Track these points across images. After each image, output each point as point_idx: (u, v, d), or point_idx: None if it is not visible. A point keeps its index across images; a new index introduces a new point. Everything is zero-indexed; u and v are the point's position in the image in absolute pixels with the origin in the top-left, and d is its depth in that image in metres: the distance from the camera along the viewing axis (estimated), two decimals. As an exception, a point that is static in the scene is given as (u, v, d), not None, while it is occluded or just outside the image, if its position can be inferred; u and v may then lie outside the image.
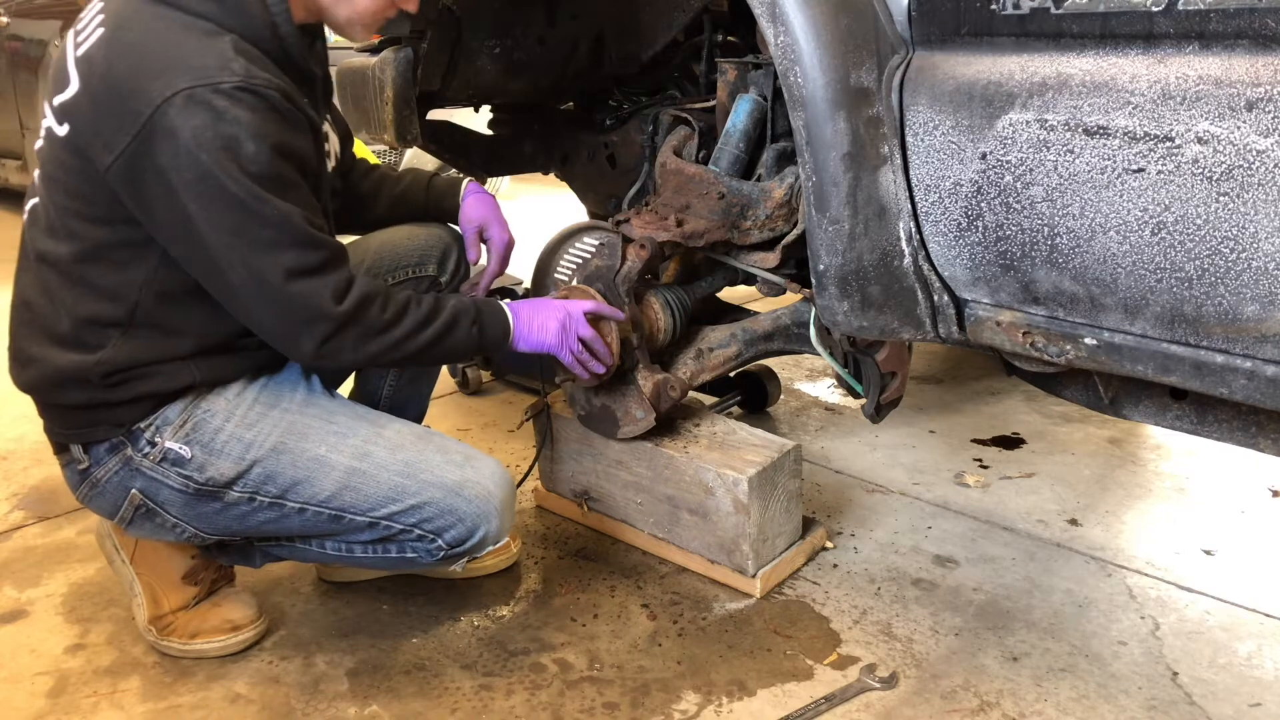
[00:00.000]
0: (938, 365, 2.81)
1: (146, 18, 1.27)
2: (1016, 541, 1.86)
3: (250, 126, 1.22)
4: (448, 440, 1.50)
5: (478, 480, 1.44)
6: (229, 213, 1.24)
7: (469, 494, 1.42)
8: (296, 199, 1.29)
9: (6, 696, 1.47)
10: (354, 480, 1.40)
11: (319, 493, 1.40)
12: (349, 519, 1.42)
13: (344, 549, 1.50)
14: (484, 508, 1.43)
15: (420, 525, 1.42)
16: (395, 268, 1.74)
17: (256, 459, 1.39)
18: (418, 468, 1.42)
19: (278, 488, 1.40)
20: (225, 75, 1.22)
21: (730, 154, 1.74)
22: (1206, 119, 1.05)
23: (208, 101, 1.21)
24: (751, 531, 1.66)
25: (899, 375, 1.71)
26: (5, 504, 2.08)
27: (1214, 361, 1.13)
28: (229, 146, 1.21)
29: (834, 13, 1.32)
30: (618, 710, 1.43)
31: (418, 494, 1.41)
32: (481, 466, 1.47)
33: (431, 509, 1.41)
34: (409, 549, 1.45)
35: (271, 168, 1.25)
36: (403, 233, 1.78)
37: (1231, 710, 1.41)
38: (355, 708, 1.44)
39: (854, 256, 1.37)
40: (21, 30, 4.84)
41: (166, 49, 1.24)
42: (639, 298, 1.73)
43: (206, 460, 1.39)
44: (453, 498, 1.42)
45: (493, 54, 2.15)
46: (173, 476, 1.40)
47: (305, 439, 1.41)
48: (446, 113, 2.40)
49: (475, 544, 1.44)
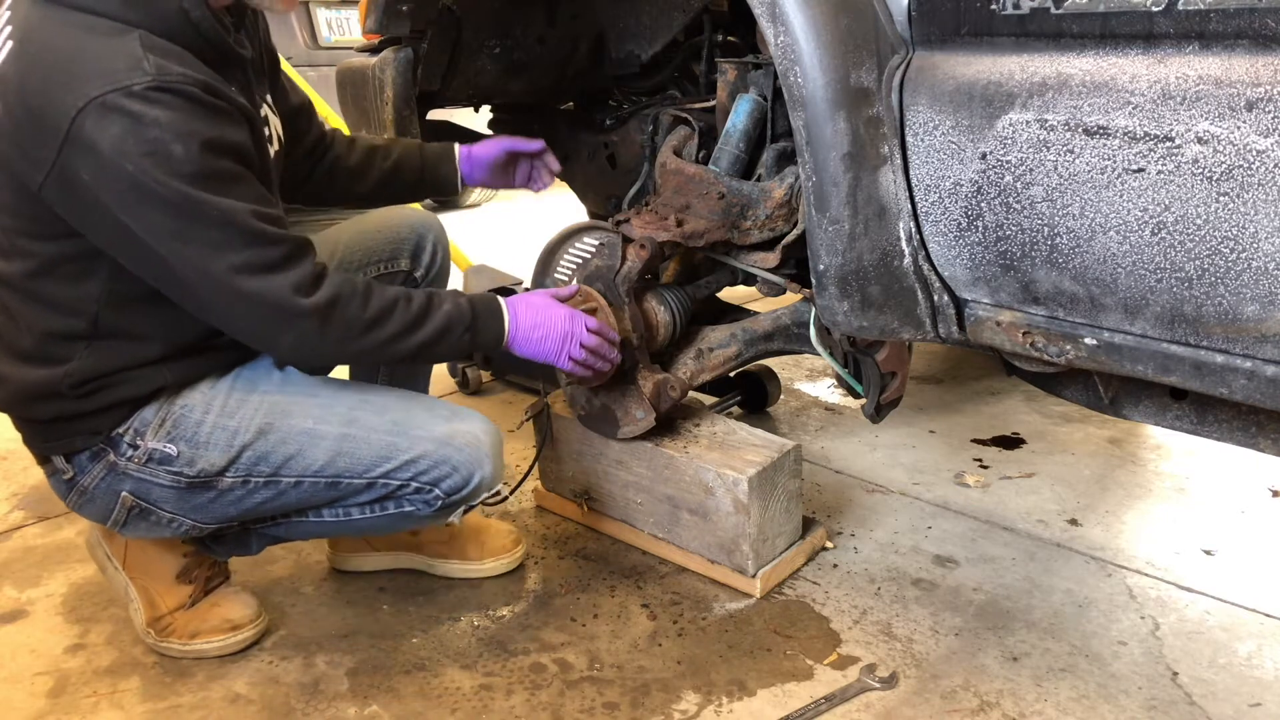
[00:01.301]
0: (938, 365, 2.81)
1: (50, 25, 1.21)
2: (1016, 541, 1.86)
3: (173, 127, 1.17)
4: (432, 399, 1.53)
5: (467, 429, 1.46)
6: (167, 220, 1.19)
7: (459, 443, 1.44)
8: (241, 194, 1.24)
9: (6, 696, 1.47)
10: (346, 445, 1.41)
11: (313, 463, 1.41)
12: (346, 483, 1.43)
13: (341, 514, 1.49)
14: (476, 454, 1.44)
15: (417, 478, 1.43)
16: (366, 263, 1.71)
17: (245, 444, 1.39)
18: (407, 424, 1.43)
19: (271, 466, 1.41)
20: (136, 76, 1.16)
21: (730, 154, 1.74)
22: (1206, 119, 1.05)
23: (121, 107, 1.15)
24: (751, 531, 1.66)
25: (899, 375, 1.71)
26: (5, 504, 2.08)
27: (1214, 361, 1.13)
28: (154, 152, 1.16)
29: (834, 13, 1.32)
30: (618, 710, 1.43)
31: (410, 448, 1.42)
32: (468, 416, 1.49)
33: (426, 461, 1.42)
34: (407, 503, 1.46)
35: (205, 166, 1.20)
36: (373, 223, 1.75)
37: (1231, 710, 1.41)
38: (355, 708, 1.44)
39: (854, 256, 1.37)
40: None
41: (72, 57, 1.18)
42: (639, 298, 1.73)
43: (194, 454, 1.39)
44: (445, 448, 1.43)
45: (493, 54, 2.15)
46: (162, 475, 1.40)
47: (290, 415, 1.41)
48: (446, 113, 2.40)
49: (472, 490, 1.46)
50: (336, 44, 4.83)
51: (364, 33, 2.08)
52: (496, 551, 1.76)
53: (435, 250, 1.75)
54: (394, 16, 1.97)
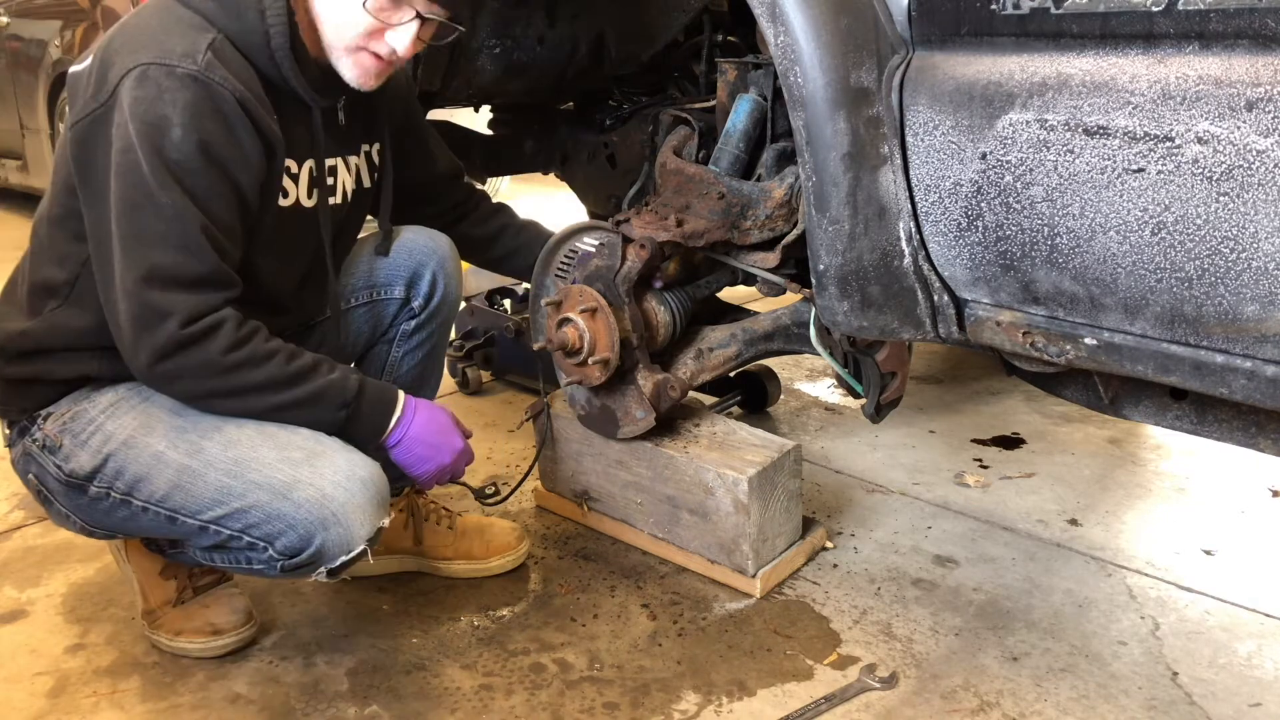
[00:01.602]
0: (938, 365, 2.81)
1: (156, 9, 1.32)
2: (1016, 541, 1.86)
3: (184, 113, 1.23)
4: (302, 435, 1.33)
5: (311, 481, 1.28)
6: (132, 190, 1.23)
7: (298, 497, 1.27)
8: (206, 204, 1.25)
9: (6, 696, 1.47)
10: (183, 479, 1.30)
11: (155, 491, 1.31)
12: (181, 521, 1.32)
13: (205, 555, 1.41)
14: (318, 513, 1.27)
15: (247, 531, 1.29)
16: (364, 286, 1.68)
17: (110, 452, 1.33)
18: (246, 466, 1.29)
19: (125, 484, 1.33)
20: (185, 62, 1.24)
21: (730, 154, 1.74)
22: (1206, 119, 1.05)
23: (156, 79, 1.23)
24: (751, 531, 1.66)
25: (899, 375, 1.71)
26: (5, 504, 2.08)
27: (1214, 361, 1.13)
28: (157, 124, 1.22)
29: (834, 13, 1.32)
30: (618, 710, 1.43)
31: (242, 496, 1.28)
32: (323, 465, 1.30)
33: (256, 514, 1.28)
34: (243, 558, 1.34)
35: (190, 161, 1.23)
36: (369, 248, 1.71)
37: (1231, 710, 1.41)
38: (355, 708, 1.44)
39: (854, 256, 1.37)
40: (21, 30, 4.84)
41: (152, 33, 1.28)
42: (639, 298, 1.73)
43: (71, 451, 1.35)
44: (279, 501, 1.27)
45: (493, 54, 2.15)
46: (50, 465, 1.37)
47: (152, 433, 1.33)
48: (446, 113, 2.40)
49: (313, 554, 1.29)
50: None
51: (364, 33, 2.07)
52: (501, 549, 1.76)
53: (436, 280, 1.67)
54: (394, 16, 1.97)
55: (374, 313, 1.69)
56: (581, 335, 1.69)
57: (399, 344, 1.71)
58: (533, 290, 1.89)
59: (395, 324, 1.70)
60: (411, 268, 1.68)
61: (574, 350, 1.70)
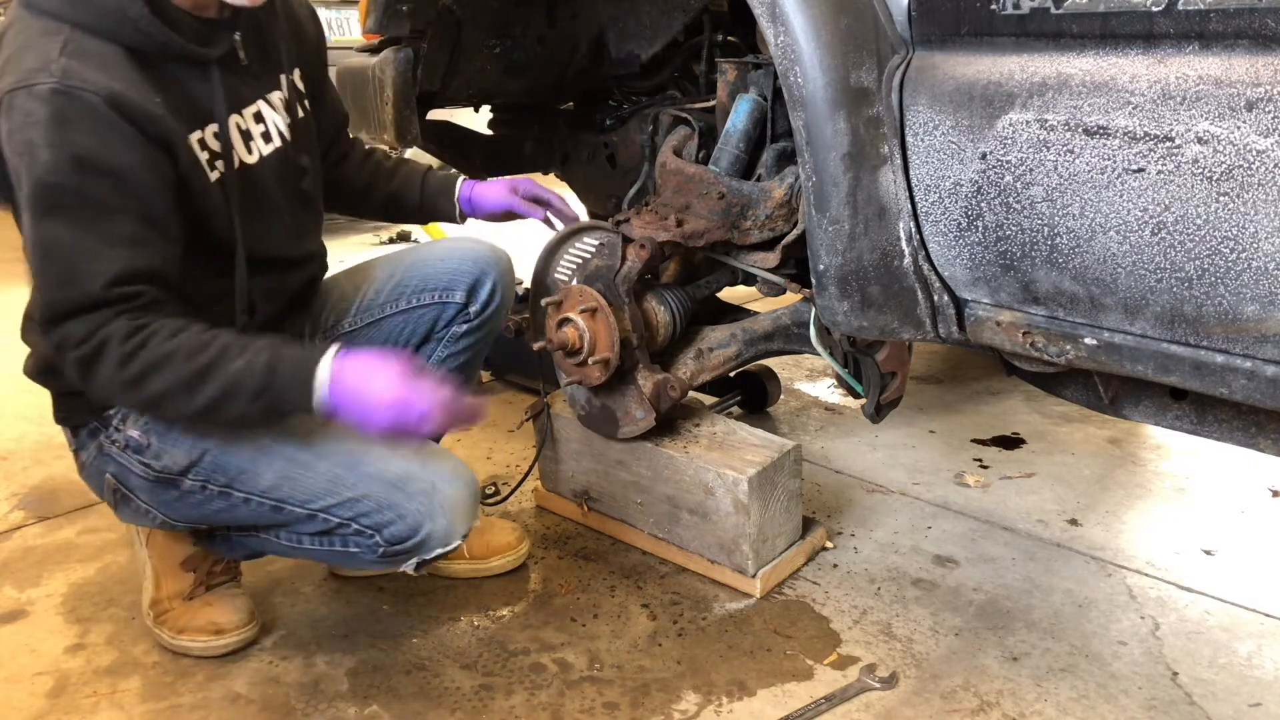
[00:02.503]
0: (938, 365, 2.81)
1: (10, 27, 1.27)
2: (1016, 541, 1.86)
3: (48, 131, 1.17)
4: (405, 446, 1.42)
5: (424, 475, 1.36)
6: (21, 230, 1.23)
7: (412, 489, 1.34)
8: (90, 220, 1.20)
9: (6, 696, 1.47)
10: (293, 471, 1.36)
11: (260, 482, 1.37)
12: (288, 510, 1.37)
13: (295, 540, 1.44)
14: (428, 504, 1.34)
15: (358, 519, 1.35)
16: (421, 290, 1.67)
17: (207, 448, 1.37)
18: (360, 459, 1.36)
19: (225, 477, 1.37)
20: (40, 77, 1.18)
21: (730, 154, 1.74)
22: (1206, 119, 1.05)
23: (16, 104, 1.18)
24: (751, 531, 1.66)
25: (899, 375, 1.71)
26: (5, 504, 2.08)
27: (1214, 361, 1.13)
28: (26, 151, 1.18)
29: (834, 13, 1.32)
30: (618, 710, 1.43)
31: (355, 486, 1.34)
32: (434, 462, 1.39)
33: (369, 503, 1.34)
34: (350, 543, 1.39)
35: (65, 179, 1.18)
36: (438, 251, 1.71)
37: (1231, 710, 1.41)
38: (355, 708, 1.44)
39: (854, 256, 1.37)
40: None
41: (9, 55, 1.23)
42: (639, 298, 1.73)
43: (162, 448, 1.38)
44: (393, 492, 1.34)
45: (493, 54, 2.15)
46: (135, 464, 1.40)
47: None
48: (446, 113, 2.40)
49: (418, 543, 1.35)
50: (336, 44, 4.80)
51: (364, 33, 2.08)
52: (501, 549, 1.76)
53: (495, 288, 1.68)
54: (394, 16, 1.97)
55: (434, 314, 1.68)
56: (581, 335, 1.69)
57: (446, 345, 1.70)
58: (533, 290, 1.89)
59: (449, 326, 1.69)
60: (475, 274, 1.67)
61: (574, 350, 1.70)
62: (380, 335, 1.68)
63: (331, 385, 1.25)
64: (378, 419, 1.24)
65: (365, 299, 1.69)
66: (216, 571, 1.61)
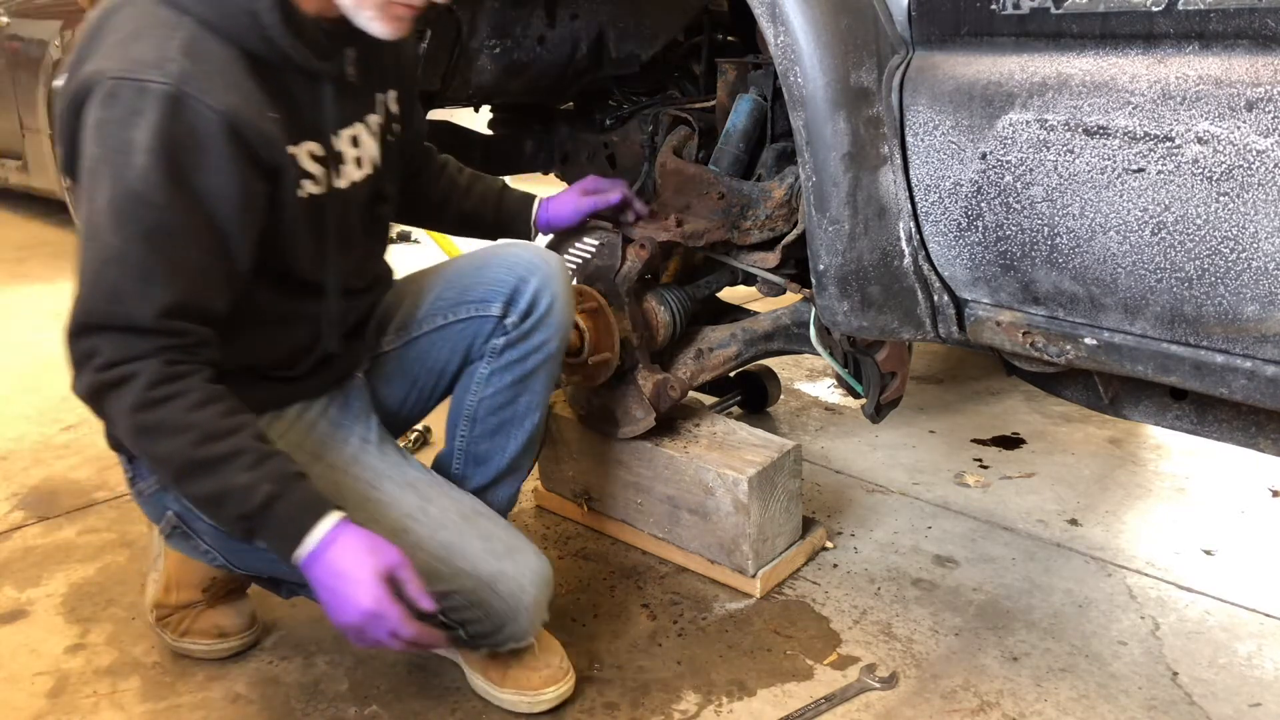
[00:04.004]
0: (938, 365, 2.81)
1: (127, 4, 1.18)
2: (1016, 541, 1.86)
3: (152, 139, 1.09)
4: (495, 524, 1.41)
5: (514, 576, 1.34)
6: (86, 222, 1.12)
7: (502, 589, 1.33)
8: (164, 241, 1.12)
9: (6, 696, 1.47)
10: None
11: None
12: None
13: None
14: (514, 605, 1.33)
15: (446, 612, 1.30)
16: (457, 304, 1.52)
17: None
18: (455, 552, 1.32)
19: None
20: (154, 74, 1.10)
21: (730, 154, 1.74)
22: (1206, 119, 1.05)
23: (121, 96, 1.09)
24: (751, 531, 1.66)
25: (899, 375, 1.71)
26: (5, 504, 2.08)
27: (1214, 361, 1.13)
28: (122, 150, 1.09)
29: (834, 13, 1.32)
30: (617, 710, 1.43)
31: (449, 580, 1.30)
32: (522, 561, 1.36)
33: (460, 599, 1.31)
34: None
35: (154, 193, 1.10)
36: (477, 261, 1.56)
37: (1231, 710, 1.41)
38: (355, 708, 1.44)
39: (854, 256, 1.37)
40: (21, 30, 4.84)
41: (118, 36, 1.14)
42: (639, 298, 1.73)
43: None
44: (484, 590, 1.32)
45: (493, 54, 2.15)
46: None
47: (344, 502, 1.26)
48: (446, 113, 2.40)
49: (495, 639, 1.36)
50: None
51: (364, 33, 2.07)
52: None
53: (537, 297, 1.48)
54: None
55: (471, 330, 1.52)
56: (582, 335, 1.69)
57: (489, 360, 1.51)
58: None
59: (488, 340, 1.51)
60: (513, 283, 1.49)
61: (574, 350, 1.70)
62: (418, 356, 1.55)
63: (316, 554, 1.17)
64: (345, 614, 1.18)
65: (404, 316, 1.55)
66: (232, 589, 1.58)
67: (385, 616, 1.16)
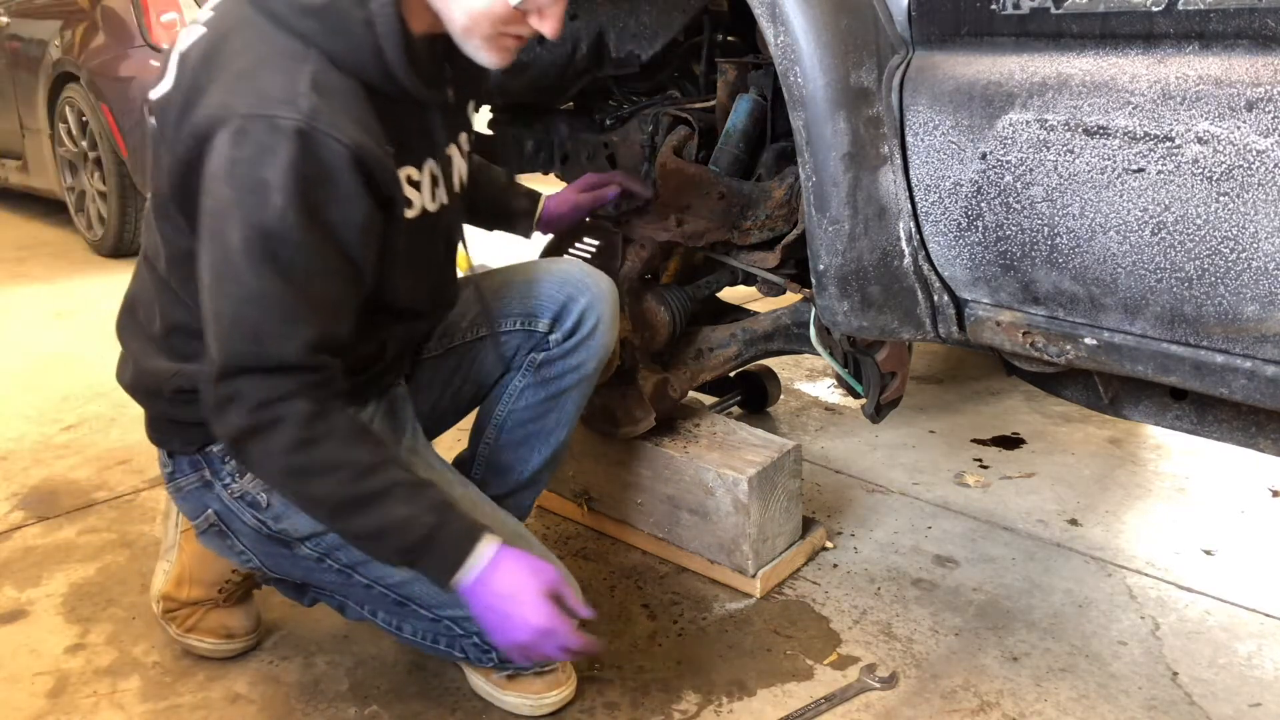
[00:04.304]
0: (938, 365, 2.81)
1: (244, 27, 1.16)
2: (1016, 541, 1.86)
3: (288, 175, 1.07)
4: (537, 548, 1.39)
5: None
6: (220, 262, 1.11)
7: None
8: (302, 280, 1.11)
9: (6, 696, 1.47)
10: None
11: (388, 575, 1.31)
12: (412, 608, 1.33)
13: (395, 626, 1.39)
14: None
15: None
16: (505, 315, 1.52)
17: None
18: None
19: (349, 558, 1.31)
20: (285, 110, 1.08)
21: (730, 154, 1.74)
22: (1206, 119, 1.05)
23: (256, 138, 1.08)
24: (751, 531, 1.66)
25: (899, 375, 1.71)
26: (5, 504, 2.08)
27: (1214, 361, 1.13)
28: (255, 190, 1.07)
29: (834, 13, 1.32)
30: (617, 710, 1.43)
31: None
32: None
33: None
34: (459, 647, 1.36)
35: (291, 231, 1.08)
36: (526, 274, 1.55)
37: (1231, 710, 1.41)
38: (355, 708, 1.44)
39: (854, 256, 1.37)
40: (21, 30, 4.84)
41: (244, 66, 1.13)
42: (639, 298, 1.73)
43: (283, 512, 1.30)
44: None
45: (493, 54, 2.14)
46: (248, 515, 1.33)
47: None
48: (446, 113, 2.40)
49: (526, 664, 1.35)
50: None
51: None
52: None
53: (584, 317, 1.49)
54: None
55: (516, 343, 1.53)
56: (582, 335, 1.69)
57: (523, 374, 1.52)
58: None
59: (528, 355, 1.52)
60: (562, 300, 1.50)
61: (574, 350, 1.70)
62: (458, 363, 1.55)
63: (481, 579, 1.19)
64: (516, 634, 1.21)
65: (447, 323, 1.54)
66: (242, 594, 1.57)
67: (557, 632, 1.21)
